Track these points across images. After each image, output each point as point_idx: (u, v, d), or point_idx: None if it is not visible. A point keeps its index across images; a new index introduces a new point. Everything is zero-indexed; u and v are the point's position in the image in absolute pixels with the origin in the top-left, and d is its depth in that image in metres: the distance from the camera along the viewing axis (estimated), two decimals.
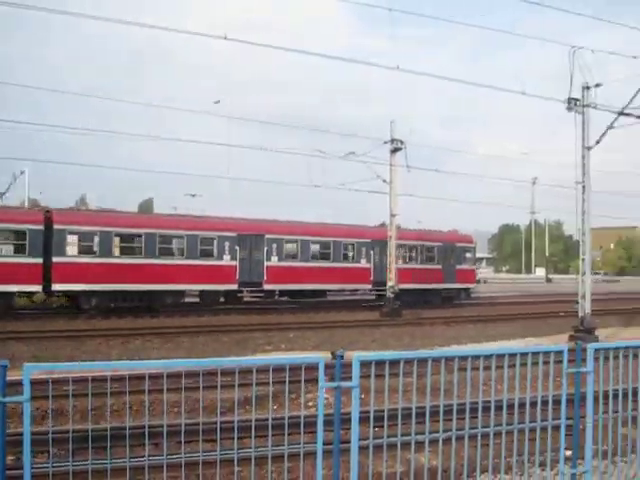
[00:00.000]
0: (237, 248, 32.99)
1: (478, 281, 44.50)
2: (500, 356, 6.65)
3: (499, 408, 6.71)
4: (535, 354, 6.82)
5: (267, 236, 34.21)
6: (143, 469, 6.59)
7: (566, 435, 7.01)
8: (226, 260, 32.78)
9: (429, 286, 39.56)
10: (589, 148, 21.95)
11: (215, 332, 23.85)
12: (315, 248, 36.09)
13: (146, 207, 70.72)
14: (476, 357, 6.55)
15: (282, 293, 36.50)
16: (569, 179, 22.57)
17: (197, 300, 34.21)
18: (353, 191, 34.63)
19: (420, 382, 6.57)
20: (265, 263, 33.97)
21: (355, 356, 5.93)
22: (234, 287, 32.91)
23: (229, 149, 31.86)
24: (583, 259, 22.45)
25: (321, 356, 5.99)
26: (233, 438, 6.34)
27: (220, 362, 8.12)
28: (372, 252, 37.49)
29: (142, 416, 10.54)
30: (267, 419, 6.90)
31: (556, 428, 6.98)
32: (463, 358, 6.53)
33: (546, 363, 6.88)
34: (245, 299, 35.94)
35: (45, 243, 28.63)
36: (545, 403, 7.00)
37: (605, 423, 7.52)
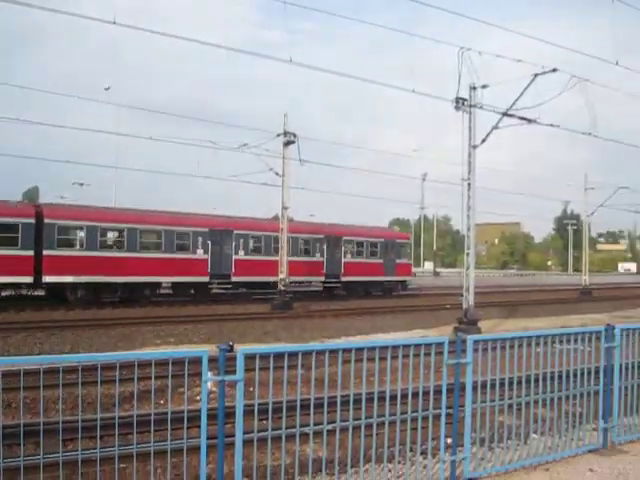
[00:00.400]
0: (209, 243, 35.08)
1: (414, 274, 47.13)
2: (383, 348, 6.78)
3: (383, 399, 6.84)
4: (417, 346, 6.99)
5: (235, 232, 36.68)
6: (18, 470, 6.36)
7: (447, 424, 7.25)
8: (199, 254, 34.88)
9: (373, 278, 43.39)
10: (475, 147, 22.71)
11: (102, 326, 23.15)
12: (275, 243, 37.36)
13: (31, 196, 67.69)
14: (360, 349, 6.64)
15: (248, 285, 38.70)
16: (457, 176, 23.25)
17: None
18: (246, 183, 34.45)
19: (307, 375, 6.61)
20: (233, 257, 36.39)
21: (240, 349, 5.90)
22: (206, 279, 34.49)
23: (118, 138, 30.98)
24: (468, 253, 23.23)
25: (205, 349, 5.93)
26: (114, 435, 6.20)
27: (97, 357, 7.84)
28: (325, 247, 40.97)
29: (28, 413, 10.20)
30: (150, 414, 6.78)
31: (437, 417, 7.19)
32: (347, 350, 6.62)
33: (428, 354, 7.09)
34: (213, 291, 37.51)
35: (35, 237, 29.90)
36: (427, 393, 7.20)
37: (483, 411, 7.83)
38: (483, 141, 22.67)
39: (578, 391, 8.68)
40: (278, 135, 31.63)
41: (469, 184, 22.68)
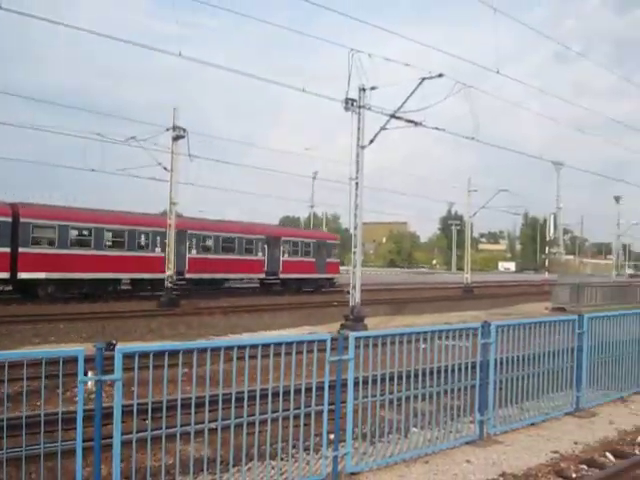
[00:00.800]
0: (166, 242, 35.75)
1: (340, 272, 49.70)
2: (266, 346, 6.79)
3: (265, 397, 6.85)
4: (300, 343, 7.04)
5: (189, 232, 38.98)
6: None
7: (329, 420, 7.34)
8: (157, 252, 36.76)
9: (306, 276, 46.83)
10: (363, 147, 23.08)
11: None
12: (224, 243, 41.74)
13: None
14: (242, 347, 6.62)
15: (201, 282, 40.84)
16: (347, 175, 23.53)
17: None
18: (133, 177, 33.69)
19: (189, 373, 6.52)
20: (187, 255, 38.69)
21: (117, 349, 5.76)
22: (163, 276, 34.92)
23: None
24: (355, 252, 23.58)
25: (81, 348, 5.75)
26: None
27: None
28: (265, 246, 44.15)
29: None
30: (21, 417, 6.52)
31: (321, 413, 7.26)
32: (229, 348, 6.58)
33: (313, 352, 7.14)
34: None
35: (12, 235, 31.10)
36: (310, 390, 7.26)
37: (365, 407, 7.97)
38: (371, 142, 23.07)
39: (456, 385, 9.00)
40: (167, 129, 31.07)
41: (357, 183, 23.02)
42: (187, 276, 38.48)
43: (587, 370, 11.09)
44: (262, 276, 44.71)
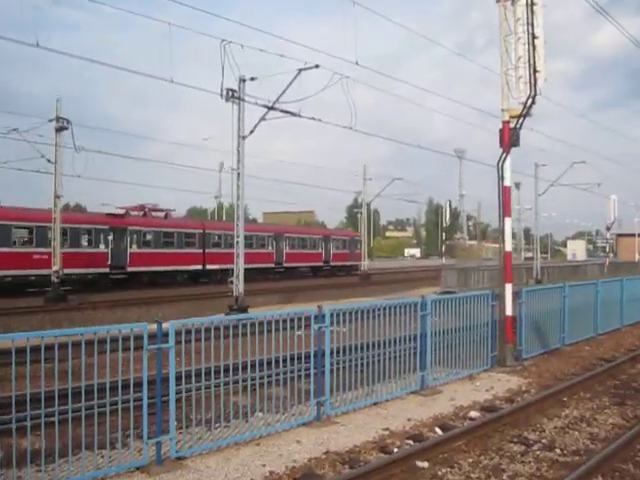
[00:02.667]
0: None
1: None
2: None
3: (102, 390, 7.06)
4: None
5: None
6: None
7: (165, 409, 7.56)
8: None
9: (346, 263, 60.77)
10: (244, 137, 23.23)
11: None
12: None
13: None
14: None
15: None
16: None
17: None
18: (15, 170, 32.69)
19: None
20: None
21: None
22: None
23: None
24: (237, 241, 23.73)
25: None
26: None
27: None
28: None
29: None
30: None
31: (154, 404, 7.47)
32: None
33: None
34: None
35: None
36: (140, 384, 7.39)
37: (208, 394, 8.18)
38: (251, 132, 23.24)
39: (303, 372, 9.38)
40: (50, 120, 30.30)
41: (238, 174, 23.16)
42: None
43: (432, 351, 11.66)
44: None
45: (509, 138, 13.82)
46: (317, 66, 22.29)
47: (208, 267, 46.22)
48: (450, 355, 12.24)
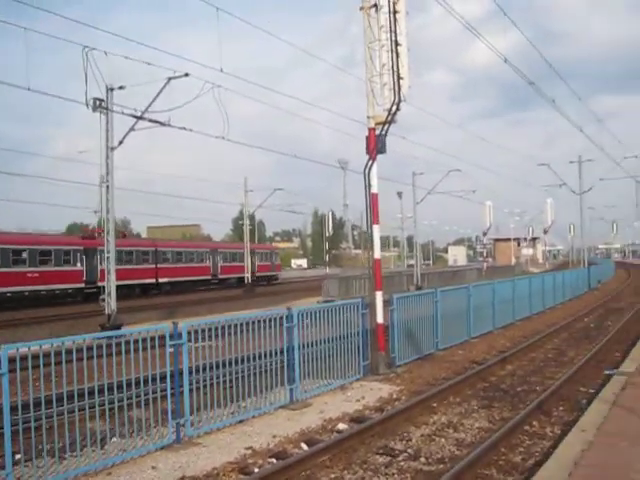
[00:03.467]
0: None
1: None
2: None
3: None
4: None
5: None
6: None
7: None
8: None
9: (268, 273, 66.76)
10: (113, 148, 22.32)
11: None
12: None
13: None
14: None
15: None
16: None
17: None
18: None
19: None
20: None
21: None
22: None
23: None
24: (108, 257, 22.73)
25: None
26: None
27: None
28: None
29: None
30: None
31: None
32: None
33: None
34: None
35: None
36: None
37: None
38: (120, 143, 22.35)
39: (168, 392, 8.87)
40: None
41: (107, 186, 22.22)
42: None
43: (300, 363, 11.35)
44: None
45: (375, 145, 13.77)
46: (187, 74, 21.69)
47: (160, 280, 51.01)
48: (321, 366, 11.98)
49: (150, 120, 21.22)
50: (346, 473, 7.76)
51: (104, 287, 23.11)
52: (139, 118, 21.67)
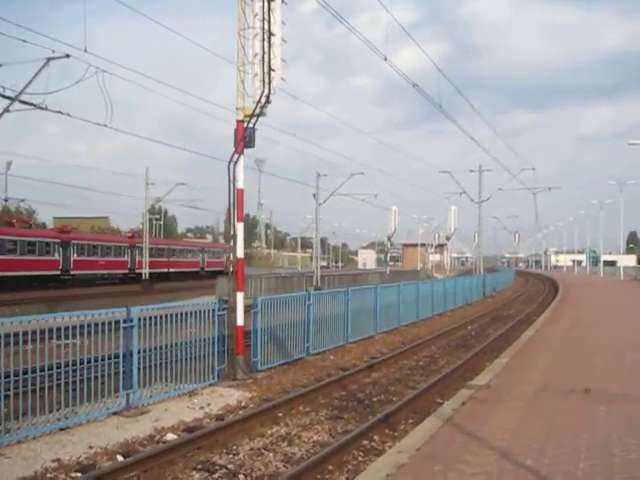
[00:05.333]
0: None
1: None
2: None
3: None
4: None
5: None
6: None
7: None
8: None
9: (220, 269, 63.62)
10: None
11: None
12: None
13: None
14: None
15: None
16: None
17: None
18: None
19: None
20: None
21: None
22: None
23: None
24: None
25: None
26: None
27: None
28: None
29: None
30: None
31: None
32: None
33: None
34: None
35: None
36: None
37: None
38: None
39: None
40: None
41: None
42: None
43: (141, 367, 10.56)
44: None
45: (242, 138, 13.09)
46: (68, 56, 20.46)
47: (137, 271, 55.26)
48: (169, 370, 11.24)
49: (24, 102, 19.87)
50: None
51: None
52: (13, 99, 20.31)
